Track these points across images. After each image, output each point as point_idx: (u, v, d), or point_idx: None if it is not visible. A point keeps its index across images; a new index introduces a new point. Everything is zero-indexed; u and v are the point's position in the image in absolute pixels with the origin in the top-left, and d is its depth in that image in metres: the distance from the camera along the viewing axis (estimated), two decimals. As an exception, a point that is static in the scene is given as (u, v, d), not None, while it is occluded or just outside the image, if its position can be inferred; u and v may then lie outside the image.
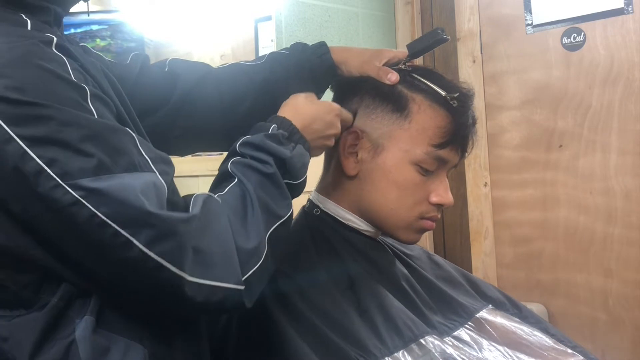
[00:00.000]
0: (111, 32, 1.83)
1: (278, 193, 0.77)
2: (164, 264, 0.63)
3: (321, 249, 0.95)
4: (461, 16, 2.33)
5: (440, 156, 0.94)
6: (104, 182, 0.62)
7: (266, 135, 0.81)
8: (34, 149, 0.61)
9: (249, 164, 0.78)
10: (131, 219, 0.62)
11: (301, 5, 2.08)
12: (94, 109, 0.66)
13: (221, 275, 0.67)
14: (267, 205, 0.75)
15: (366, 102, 0.97)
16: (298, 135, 0.84)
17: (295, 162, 0.81)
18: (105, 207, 0.62)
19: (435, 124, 0.93)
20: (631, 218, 1.98)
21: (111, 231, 0.62)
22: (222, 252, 0.68)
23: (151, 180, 0.65)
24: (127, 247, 0.62)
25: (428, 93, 0.95)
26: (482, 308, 1.05)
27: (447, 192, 0.96)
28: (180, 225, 0.64)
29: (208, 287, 0.66)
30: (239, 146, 0.82)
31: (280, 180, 0.78)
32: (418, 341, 0.88)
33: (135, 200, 0.62)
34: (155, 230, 0.63)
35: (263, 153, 0.79)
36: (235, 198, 0.74)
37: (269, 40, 2.00)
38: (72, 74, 0.67)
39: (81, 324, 0.67)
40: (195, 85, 1.02)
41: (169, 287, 0.64)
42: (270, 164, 0.78)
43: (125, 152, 0.66)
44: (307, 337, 0.82)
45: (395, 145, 0.94)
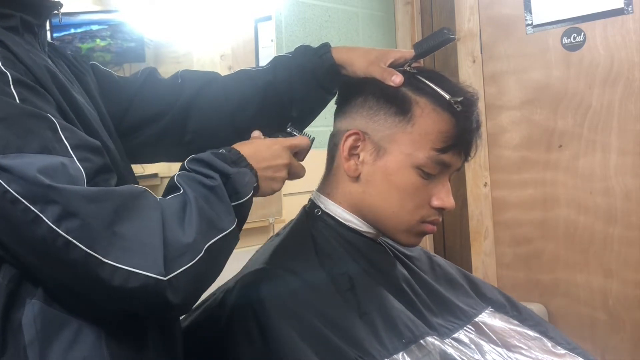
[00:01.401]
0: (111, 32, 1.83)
1: (221, 206, 0.76)
2: (72, 241, 0.63)
3: (322, 249, 0.95)
4: (461, 16, 2.33)
5: (443, 160, 0.93)
6: (12, 160, 0.63)
7: (214, 152, 0.82)
8: None
9: (194, 177, 0.78)
10: (38, 194, 0.63)
11: (301, 5, 2.08)
12: (15, 93, 0.68)
13: (139, 262, 0.65)
14: (208, 216, 0.74)
15: (369, 103, 0.96)
16: (245, 162, 0.84)
17: (240, 179, 0.80)
18: (15, 183, 0.63)
19: (439, 128, 0.93)
20: (631, 218, 1.98)
21: (22, 207, 0.63)
22: (143, 239, 0.66)
23: (61, 162, 0.65)
24: (38, 223, 0.63)
25: (432, 96, 0.94)
26: (482, 311, 1.04)
27: (448, 196, 0.95)
28: (85, 202, 0.64)
29: (124, 271, 0.64)
30: (187, 162, 0.82)
31: (223, 194, 0.77)
32: (418, 342, 0.88)
33: (43, 179, 0.63)
34: (59, 207, 0.63)
35: (209, 169, 0.79)
36: (175, 202, 0.74)
37: (269, 40, 2.00)
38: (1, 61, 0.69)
39: (29, 306, 0.69)
40: (201, 89, 1.04)
41: (81, 266, 0.64)
42: (215, 179, 0.78)
43: (38, 135, 0.67)
44: (307, 338, 0.82)
45: (398, 148, 0.93)
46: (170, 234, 0.68)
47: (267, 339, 0.82)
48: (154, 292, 0.66)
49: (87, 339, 0.70)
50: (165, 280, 0.66)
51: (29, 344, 0.68)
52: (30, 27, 0.82)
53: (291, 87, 1.02)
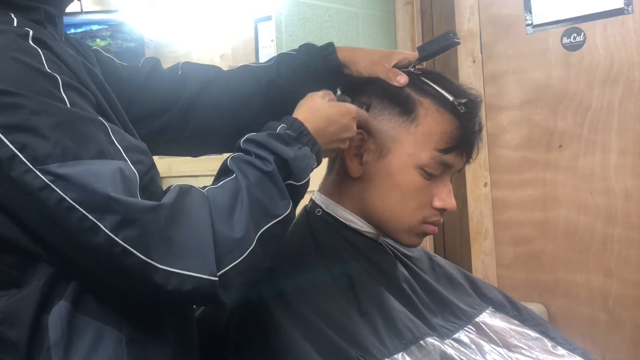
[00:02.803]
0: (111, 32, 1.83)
1: (276, 192, 0.76)
2: (130, 249, 0.64)
3: (322, 249, 0.95)
4: (461, 16, 2.33)
5: (445, 161, 0.93)
6: (70, 167, 0.64)
7: (270, 134, 0.81)
8: (7, 136, 0.63)
9: (248, 160, 0.78)
10: (97, 204, 0.63)
11: (301, 5, 2.08)
12: (66, 97, 0.68)
13: (193, 265, 0.66)
14: (262, 203, 0.74)
15: (373, 103, 0.96)
16: (308, 137, 0.83)
17: (298, 164, 0.79)
18: (72, 192, 0.63)
19: (442, 128, 0.93)
20: (631, 218, 1.98)
21: (79, 215, 0.63)
22: (195, 243, 0.67)
23: (119, 167, 0.66)
24: (94, 232, 0.63)
25: (436, 97, 0.94)
26: (482, 311, 1.05)
27: (450, 197, 0.95)
28: (145, 212, 0.65)
29: (179, 275, 0.66)
30: (243, 142, 0.81)
31: (278, 179, 0.76)
32: (418, 343, 0.88)
33: (100, 186, 0.64)
34: (119, 216, 0.64)
35: (264, 150, 0.78)
36: (225, 192, 0.73)
37: (269, 40, 2.00)
38: (46, 65, 0.69)
39: (56, 308, 0.69)
40: (204, 86, 1.03)
41: (138, 273, 0.65)
42: (270, 162, 0.77)
43: (93, 140, 0.67)
44: (308, 337, 0.82)
45: (401, 148, 0.93)
46: (220, 230, 0.69)
47: (269, 338, 0.82)
48: (206, 292, 0.67)
49: (109, 341, 0.71)
50: (217, 280, 0.67)
51: (54, 345, 0.69)
52: (52, 18, 0.81)
53: (294, 86, 1.02)
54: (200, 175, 2.07)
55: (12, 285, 0.70)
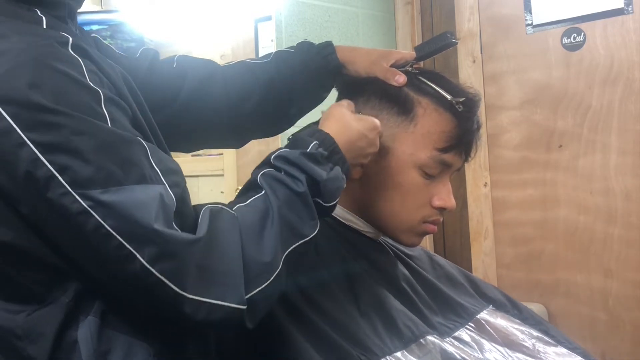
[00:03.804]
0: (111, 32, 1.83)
1: (305, 212, 0.75)
2: (165, 281, 0.63)
3: (322, 248, 0.95)
4: (461, 16, 2.33)
5: (444, 160, 0.94)
6: (113, 194, 0.62)
7: (303, 153, 0.78)
8: (46, 156, 0.61)
9: (280, 179, 0.76)
10: (136, 234, 0.62)
11: (301, 5, 2.08)
12: (107, 113, 0.66)
13: (223, 294, 0.65)
14: (291, 224, 0.73)
15: (372, 103, 0.96)
16: (339, 155, 0.81)
17: (330, 186, 0.77)
18: (112, 219, 0.62)
19: (441, 128, 0.93)
20: (631, 218, 1.98)
21: (116, 243, 0.62)
22: (226, 270, 0.66)
23: (159, 193, 0.65)
24: (130, 261, 0.62)
25: (434, 97, 0.94)
26: (483, 309, 1.05)
27: (449, 196, 0.95)
28: (184, 247, 0.64)
29: (208, 305, 0.65)
30: (274, 159, 0.79)
31: (309, 200, 0.75)
32: (418, 341, 0.88)
33: (142, 216, 0.62)
34: (158, 248, 0.63)
35: (297, 169, 0.76)
36: (255, 211, 0.72)
37: (269, 40, 2.00)
38: (88, 76, 0.67)
39: (84, 323, 0.68)
40: (203, 82, 1.01)
41: (169, 303, 0.64)
42: (302, 182, 0.75)
43: (136, 163, 0.65)
44: (308, 336, 0.82)
45: (400, 148, 0.93)
46: (249, 253, 0.68)
47: (270, 337, 0.82)
48: (233, 320, 0.67)
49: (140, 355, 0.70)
50: (245, 308, 0.66)
51: None
52: (74, 14, 0.79)
53: (293, 85, 1.01)
54: (200, 175, 2.07)
55: (33, 300, 0.68)
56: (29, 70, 0.63)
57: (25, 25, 0.69)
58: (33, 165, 0.61)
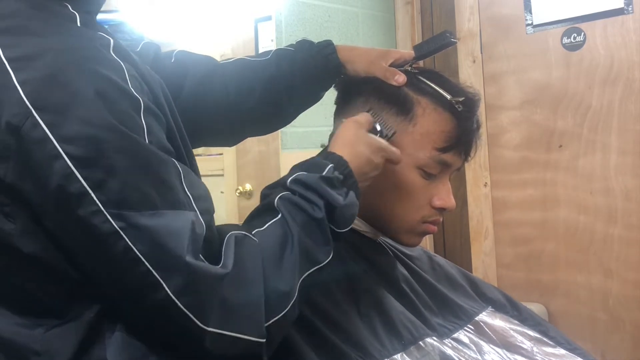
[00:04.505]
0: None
1: (321, 238, 0.73)
2: (188, 314, 0.61)
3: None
4: (461, 16, 2.33)
5: (444, 160, 0.93)
6: (147, 219, 0.60)
7: (322, 177, 0.76)
8: (80, 170, 0.59)
9: (298, 203, 0.74)
10: (166, 262, 0.60)
11: (301, 5, 2.08)
12: (145, 124, 0.63)
13: (244, 327, 0.64)
14: (308, 250, 0.71)
15: (371, 103, 0.96)
16: (352, 180, 0.80)
17: (346, 212, 0.76)
18: (143, 244, 0.60)
19: (440, 128, 0.93)
20: (631, 218, 1.98)
21: (143, 269, 0.60)
22: (249, 302, 0.65)
23: (192, 221, 0.63)
24: (156, 289, 0.60)
25: (433, 96, 0.94)
26: (482, 310, 1.04)
27: (449, 196, 0.95)
28: (213, 282, 0.62)
29: (229, 338, 0.63)
30: (291, 182, 0.77)
31: (325, 226, 0.73)
32: (417, 344, 0.87)
33: (174, 246, 0.60)
34: (186, 281, 0.61)
35: (315, 195, 0.74)
36: (274, 237, 0.70)
37: (269, 40, 2.00)
38: (130, 82, 0.64)
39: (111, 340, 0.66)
40: (204, 79, 1.00)
41: (189, 336, 0.63)
42: (320, 208, 0.73)
43: (171, 187, 0.63)
44: (307, 338, 0.82)
45: (399, 148, 0.93)
46: (270, 282, 0.67)
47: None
48: (252, 353, 0.65)
49: None
50: (264, 342, 0.65)
51: None
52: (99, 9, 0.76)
53: (292, 83, 1.01)
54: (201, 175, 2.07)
55: (52, 315, 0.65)
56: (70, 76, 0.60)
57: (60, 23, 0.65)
58: (66, 180, 0.58)
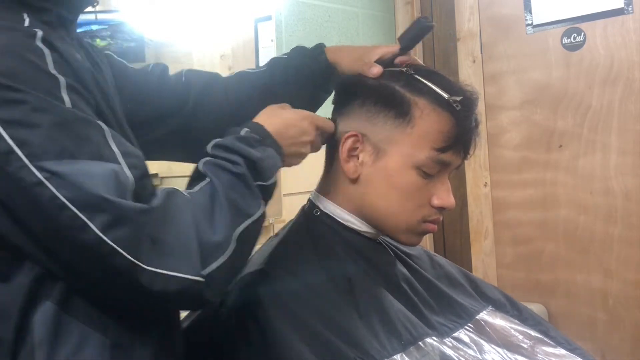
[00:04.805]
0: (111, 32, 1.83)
1: (248, 192, 0.78)
2: (118, 249, 0.64)
3: (321, 250, 0.95)
4: (461, 16, 2.33)
5: (443, 160, 0.93)
6: (66, 165, 0.65)
7: (237, 137, 0.83)
8: (7, 130, 0.64)
9: (220, 164, 0.80)
10: (88, 203, 0.64)
11: (301, 5, 2.08)
12: (67, 98, 0.69)
13: (178, 265, 0.67)
14: (237, 204, 0.76)
15: (367, 106, 0.96)
16: (270, 139, 0.85)
17: (266, 164, 0.82)
18: (65, 189, 0.64)
19: (438, 128, 0.92)
20: (631, 218, 1.98)
21: (69, 213, 0.64)
22: (181, 243, 0.68)
23: (113, 170, 0.67)
24: (84, 230, 0.64)
25: (431, 96, 0.94)
26: (482, 309, 1.04)
27: (449, 195, 0.95)
28: (136, 214, 0.66)
29: (164, 276, 0.67)
30: (211, 148, 0.83)
31: (250, 180, 0.79)
32: (417, 344, 0.87)
33: (92, 185, 0.65)
34: (110, 216, 0.64)
35: (234, 154, 0.80)
36: (204, 195, 0.75)
37: (269, 40, 2.00)
38: (50, 65, 0.70)
39: (41, 308, 0.69)
40: (205, 89, 1.06)
41: (124, 274, 0.66)
42: (241, 165, 0.79)
43: (90, 141, 0.68)
44: (306, 339, 0.82)
45: (397, 149, 0.93)
46: (203, 234, 0.71)
47: (267, 340, 0.82)
48: (191, 292, 0.69)
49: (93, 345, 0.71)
50: (203, 281, 0.68)
51: (38, 344, 0.69)
52: (64, 21, 0.82)
53: (288, 89, 1.04)
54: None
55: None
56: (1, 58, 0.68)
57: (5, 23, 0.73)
58: None
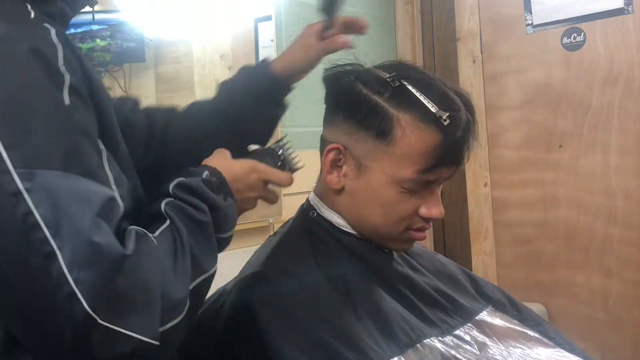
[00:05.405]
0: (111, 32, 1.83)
1: (207, 245, 0.72)
2: (77, 293, 0.56)
3: (319, 251, 0.95)
4: (461, 16, 2.33)
5: (427, 179, 0.90)
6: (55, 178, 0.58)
7: (203, 180, 0.76)
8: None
9: (183, 209, 0.72)
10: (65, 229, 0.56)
11: (301, 5, 2.08)
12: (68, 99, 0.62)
13: (138, 325, 0.59)
14: (196, 257, 0.69)
15: (349, 121, 0.93)
16: (227, 188, 0.79)
17: (228, 214, 0.76)
18: (44, 208, 0.56)
19: (422, 148, 0.88)
20: (631, 218, 1.98)
21: (41, 236, 0.56)
22: (145, 299, 0.60)
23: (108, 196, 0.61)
24: (50, 259, 0.56)
25: (417, 110, 0.88)
26: (483, 309, 1.04)
27: (437, 206, 0.92)
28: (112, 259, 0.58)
29: (119, 335, 0.58)
30: (173, 187, 0.75)
31: (211, 231, 0.72)
32: (415, 347, 0.87)
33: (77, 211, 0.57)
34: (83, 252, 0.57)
35: (198, 199, 0.73)
36: (167, 243, 0.67)
37: (268, 40, 2.00)
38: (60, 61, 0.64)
39: None
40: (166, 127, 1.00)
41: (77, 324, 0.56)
42: (205, 212, 0.72)
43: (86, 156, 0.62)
44: (305, 341, 0.82)
45: (379, 167, 0.90)
46: (169, 289, 0.63)
47: (265, 342, 0.82)
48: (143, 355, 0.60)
49: None
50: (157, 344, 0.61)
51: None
52: (64, 18, 0.76)
53: (239, 111, 1.00)
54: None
55: None
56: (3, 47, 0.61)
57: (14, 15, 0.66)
58: None
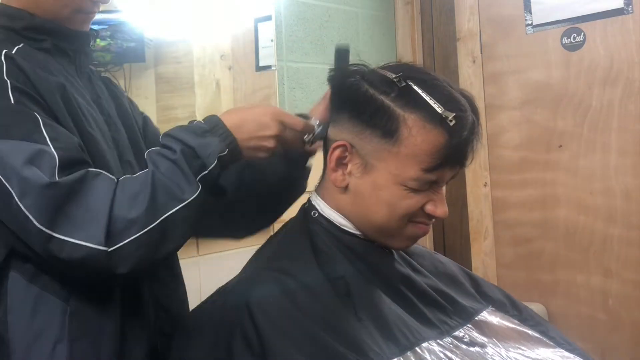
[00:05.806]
0: (111, 32, 1.83)
1: (182, 178, 0.82)
2: (29, 216, 0.76)
3: (319, 251, 0.95)
4: (461, 16, 2.33)
5: (432, 178, 0.91)
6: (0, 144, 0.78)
7: (182, 126, 0.88)
8: None
9: (160, 152, 0.85)
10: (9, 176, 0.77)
11: (301, 5, 2.08)
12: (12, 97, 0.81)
13: (84, 235, 0.76)
14: (168, 188, 0.81)
15: (355, 120, 0.93)
16: (222, 130, 0.88)
17: (203, 150, 0.85)
18: None
19: (428, 148, 0.89)
20: (631, 218, 1.98)
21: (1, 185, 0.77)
22: (89, 216, 0.77)
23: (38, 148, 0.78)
24: (10, 197, 0.76)
25: (423, 110, 0.89)
26: (483, 309, 1.04)
27: (442, 205, 0.93)
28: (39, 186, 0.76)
29: (70, 244, 0.76)
30: (161, 137, 0.88)
31: (184, 166, 0.83)
32: (413, 349, 0.87)
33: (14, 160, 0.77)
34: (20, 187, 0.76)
35: (172, 140, 0.85)
36: (136, 180, 0.82)
37: (268, 40, 2.00)
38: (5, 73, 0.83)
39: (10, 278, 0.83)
40: None
41: (35, 239, 0.77)
42: (176, 151, 0.84)
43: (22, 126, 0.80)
44: (305, 342, 0.82)
45: (385, 167, 0.91)
46: (117, 210, 0.78)
47: (264, 342, 0.82)
48: (95, 260, 0.77)
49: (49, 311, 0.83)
50: (106, 250, 0.77)
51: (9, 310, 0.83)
52: (64, 51, 0.95)
53: None
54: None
55: None
56: None
57: None
58: None
